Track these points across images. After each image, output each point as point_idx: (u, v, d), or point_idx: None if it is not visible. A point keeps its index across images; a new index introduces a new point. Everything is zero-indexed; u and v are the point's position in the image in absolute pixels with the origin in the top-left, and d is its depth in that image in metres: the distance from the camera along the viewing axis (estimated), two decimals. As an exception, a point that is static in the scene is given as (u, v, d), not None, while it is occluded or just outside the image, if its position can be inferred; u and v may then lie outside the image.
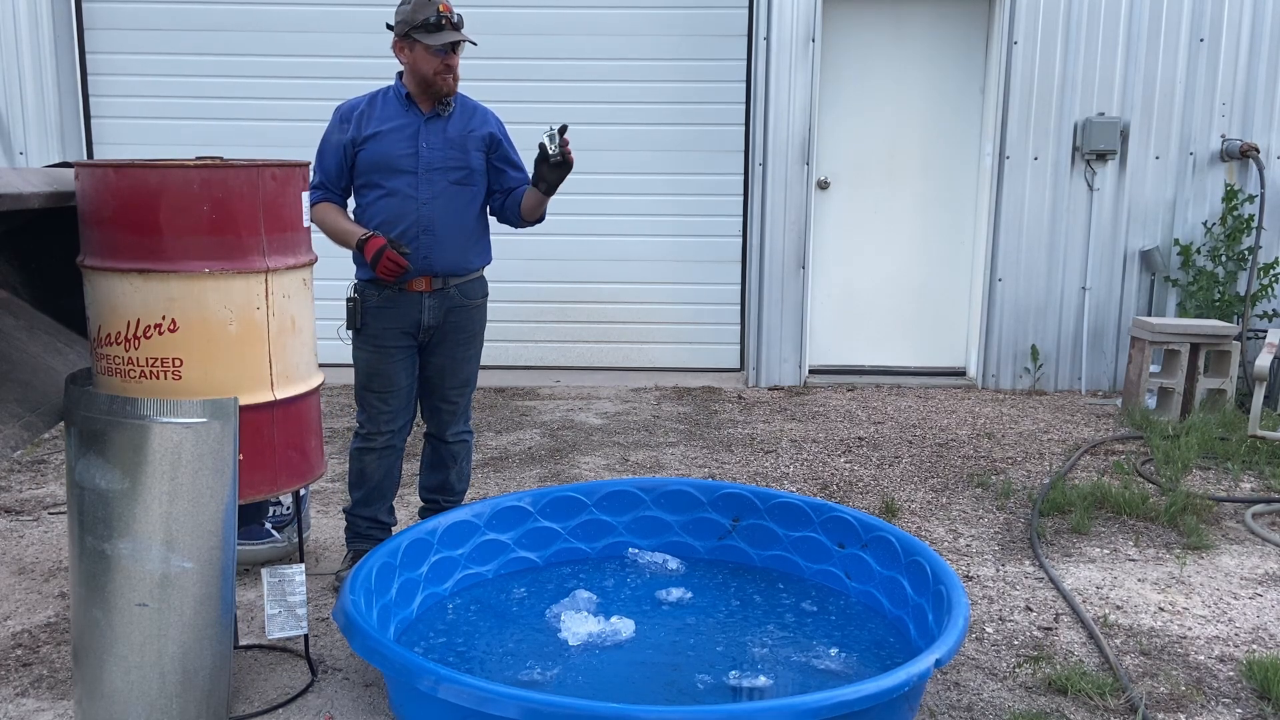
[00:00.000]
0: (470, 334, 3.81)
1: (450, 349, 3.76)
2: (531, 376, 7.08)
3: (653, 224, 7.08)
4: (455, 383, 3.82)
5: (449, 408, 3.85)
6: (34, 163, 6.78)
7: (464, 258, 3.71)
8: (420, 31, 3.49)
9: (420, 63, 3.54)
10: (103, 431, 2.56)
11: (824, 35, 6.75)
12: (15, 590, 3.73)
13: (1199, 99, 6.68)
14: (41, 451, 5.32)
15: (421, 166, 3.61)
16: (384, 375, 3.68)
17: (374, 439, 3.74)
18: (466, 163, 3.68)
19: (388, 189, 3.61)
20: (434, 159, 3.63)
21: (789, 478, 5.07)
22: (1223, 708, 3.00)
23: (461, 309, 3.74)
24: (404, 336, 3.67)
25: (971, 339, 7.10)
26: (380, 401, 3.70)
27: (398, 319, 3.64)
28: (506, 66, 6.73)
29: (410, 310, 3.65)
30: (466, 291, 3.74)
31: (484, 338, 3.90)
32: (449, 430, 3.87)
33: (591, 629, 3.31)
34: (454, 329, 3.74)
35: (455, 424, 3.88)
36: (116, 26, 6.87)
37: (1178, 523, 4.40)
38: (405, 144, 3.60)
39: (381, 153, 3.59)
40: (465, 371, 3.84)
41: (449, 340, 3.74)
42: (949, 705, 3.00)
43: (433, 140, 3.63)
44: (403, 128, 3.61)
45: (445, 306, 3.69)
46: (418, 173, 3.61)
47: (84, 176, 2.67)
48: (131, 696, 2.62)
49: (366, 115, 3.62)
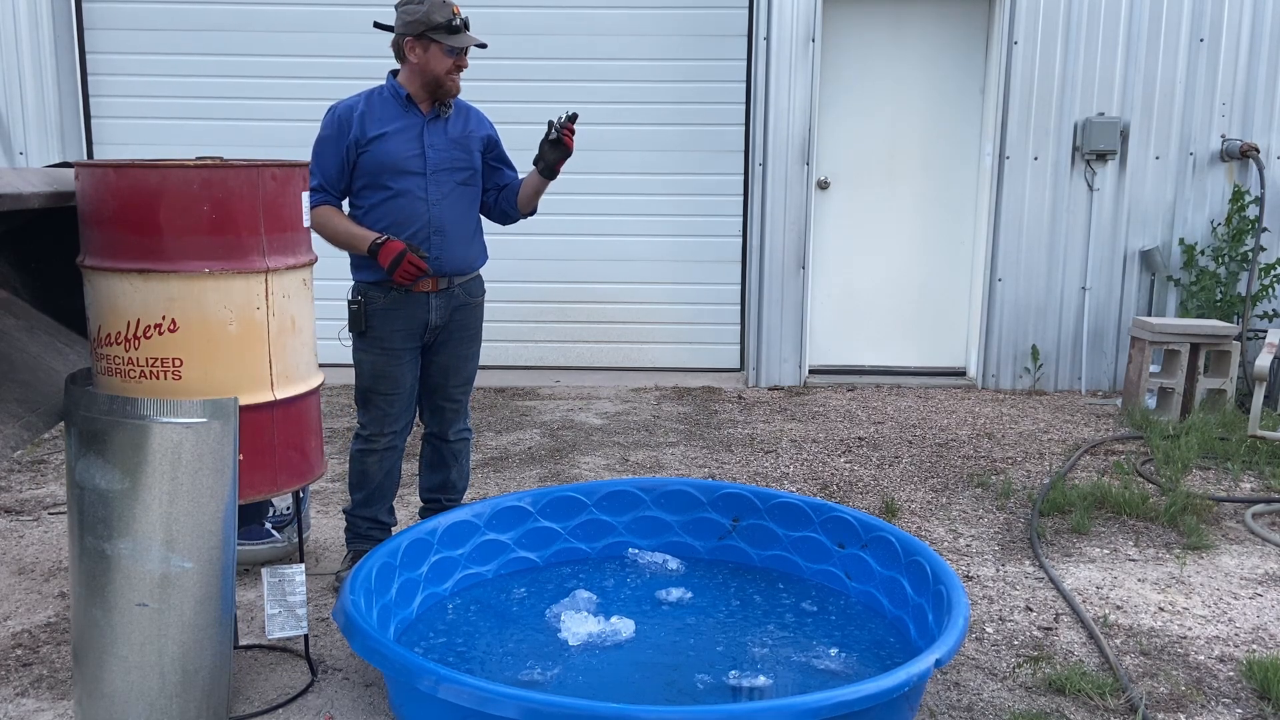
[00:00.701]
0: (473, 332, 3.85)
1: (455, 347, 3.79)
2: (531, 376, 7.08)
3: (653, 224, 7.08)
4: (459, 380, 3.85)
5: (453, 406, 3.86)
6: (34, 163, 6.78)
7: (469, 257, 3.76)
8: (440, 32, 3.49)
9: (434, 63, 3.53)
10: (103, 431, 2.56)
11: (824, 35, 6.75)
12: (15, 590, 3.73)
13: (1199, 99, 6.68)
14: (41, 451, 5.32)
15: (429, 168, 3.61)
16: (391, 378, 3.66)
17: (376, 440, 3.73)
18: (471, 163, 3.72)
19: (395, 190, 3.58)
20: (440, 160, 3.63)
21: (789, 478, 5.07)
22: (1223, 708, 3.00)
23: (465, 307, 3.77)
24: (411, 338, 3.67)
25: (971, 339, 7.10)
26: (386, 404, 3.69)
27: (406, 321, 3.63)
28: (506, 66, 6.73)
29: (418, 311, 3.64)
30: (469, 290, 3.79)
31: (481, 335, 3.94)
32: (451, 429, 3.88)
33: (591, 629, 3.31)
34: (459, 327, 3.77)
35: (458, 422, 3.90)
36: (116, 26, 6.87)
37: (1178, 523, 4.40)
38: (412, 145, 3.59)
39: (389, 154, 3.56)
40: (468, 369, 3.88)
41: (454, 339, 3.77)
42: (949, 705, 3.00)
43: (436, 141, 3.63)
44: (407, 129, 3.60)
45: (451, 306, 3.71)
46: (426, 174, 3.60)
47: (84, 176, 2.67)
48: (131, 696, 2.62)
49: (367, 116, 3.57)
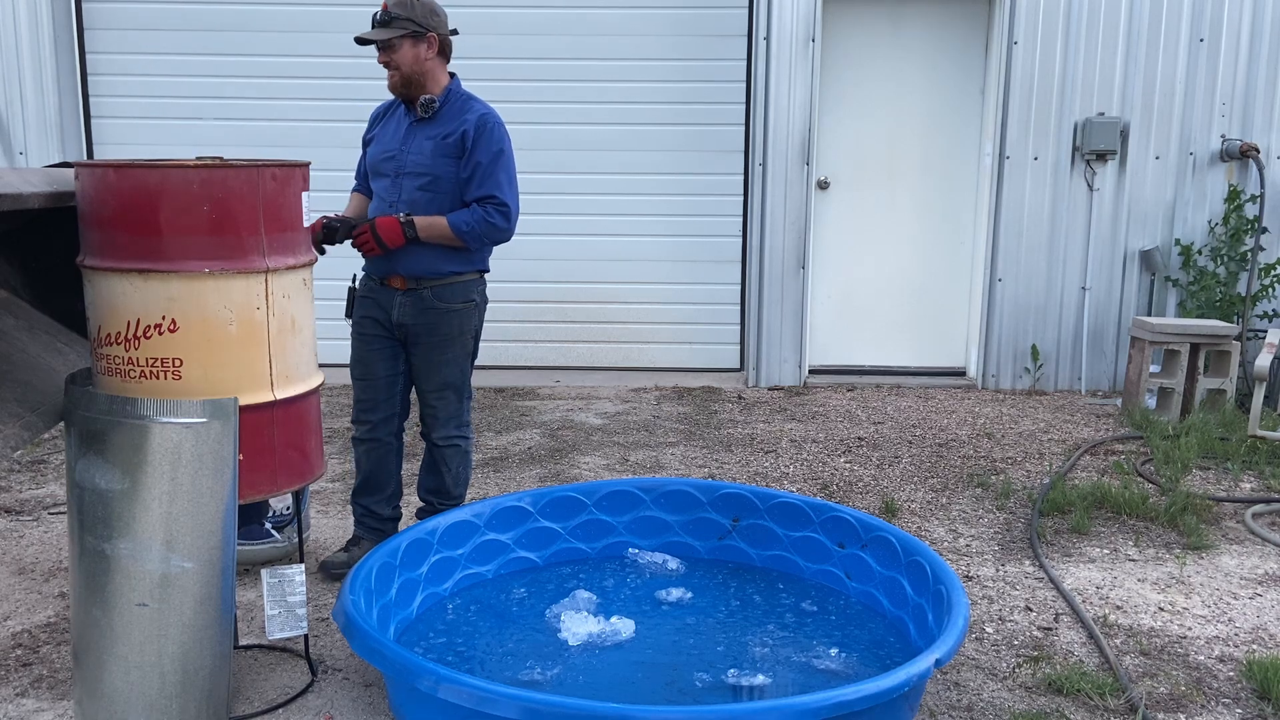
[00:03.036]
0: (444, 337, 3.76)
1: (425, 350, 3.77)
2: (531, 376, 7.08)
3: (653, 224, 7.08)
4: (431, 385, 3.80)
5: (429, 410, 3.85)
6: (34, 163, 6.78)
7: (433, 263, 3.69)
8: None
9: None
10: (103, 431, 2.56)
11: (824, 35, 6.75)
12: (15, 590, 3.73)
13: (1199, 99, 6.68)
14: (41, 451, 5.32)
15: (398, 170, 3.72)
16: (363, 363, 3.82)
17: (358, 428, 3.88)
18: (431, 169, 3.67)
19: (375, 190, 3.81)
20: (409, 164, 3.69)
21: (789, 478, 5.07)
22: (1223, 708, 3.00)
23: (433, 310, 3.72)
24: (379, 327, 3.78)
25: (971, 339, 7.10)
26: (360, 390, 3.85)
27: (375, 310, 3.77)
28: (506, 66, 6.74)
29: (385, 304, 3.75)
30: (441, 295, 3.72)
31: (471, 346, 3.85)
32: (435, 433, 3.87)
33: (591, 629, 3.31)
34: (427, 330, 3.74)
35: (440, 428, 3.85)
36: (116, 26, 6.87)
37: (1178, 523, 4.40)
38: (388, 148, 3.75)
39: (371, 155, 3.83)
40: (441, 375, 3.79)
41: (423, 341, 3.76)
42: (949, 705, 3.00)
43: (409, 144, 3.71)
44: (394, 131, 3.76)
45: (418, 306, 3.72)
46: (393, 177, 3.72)
47: (84, 176, 2.67)
48: (131, 696, 2.62)
49: (377, 116, 3.84)
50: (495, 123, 3.68)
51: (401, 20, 3.58)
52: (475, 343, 3.88)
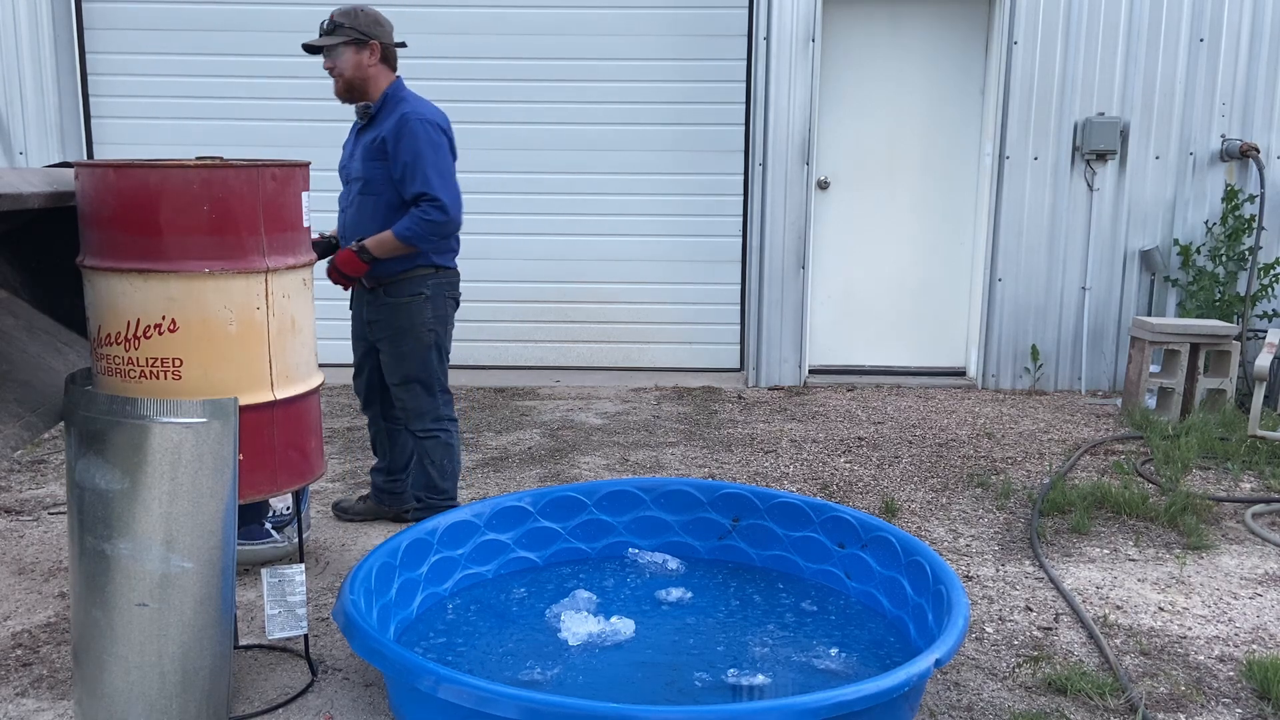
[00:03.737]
0: (396, 330, 3.89)
1: (385, 345, 3.96)
2: (531, 376, 7.08)
3: (653, 224, 7.08)
4: (395, 378, 3.98)
5: (399, 403, 4.04)
6: (34, 163, 6.78)
7: (385, 265, 3.82)
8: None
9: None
10: (103, 431, 2.56)
11: (824, 35, 6.75)
12: (15, 590, 3.73)
13: (1199, 99, 6.68)
14: (41, 451, 5.32)
15: (346, 177, 3.92)
16: (354, 353, 4.13)
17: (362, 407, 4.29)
18: (364, 173, 3.82)
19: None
20: (351, 170, 3.89)
21: (789, 478, 5.07)
22: (1223, 708, 3.00)
23: (385, 306, 3.89)
24: (359, 324, 4.05)
25: (971, 339, 7.10)
26: (354, 381, 4.21)
27: (358, 309, 4.04)
28: (506, 66, 6.74)
29: (358, 302, 4.02)
30: (390, 291, 3.88)
31: (429, 339, 3.90)
32: (412, 425, 4.03)
33: (591, 629, 3.31)
34: (382, 325, 3.92)
35: (415, 420, 4.00)
36: (116, 26, 6.87)
37: (1178, 523, 4.40)
38: (343, 157, 3.97)
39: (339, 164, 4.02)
40: (403, 369, 3.93)
41: (382, 337, 3.94)
42: (949, 705, 3.00)
43: (355, 151, 3.89)
44: (350, 141, 3.97)
45: (375, 304, 3.92)
46: (345, 183, 3.93)
47: (84, 176, 2.67)
48: (131, 696, 2.62)
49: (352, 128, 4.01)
50: (416, 120, 3.70)
51: (345, 29, 3.72)
52: (437, 336, 3.93)
